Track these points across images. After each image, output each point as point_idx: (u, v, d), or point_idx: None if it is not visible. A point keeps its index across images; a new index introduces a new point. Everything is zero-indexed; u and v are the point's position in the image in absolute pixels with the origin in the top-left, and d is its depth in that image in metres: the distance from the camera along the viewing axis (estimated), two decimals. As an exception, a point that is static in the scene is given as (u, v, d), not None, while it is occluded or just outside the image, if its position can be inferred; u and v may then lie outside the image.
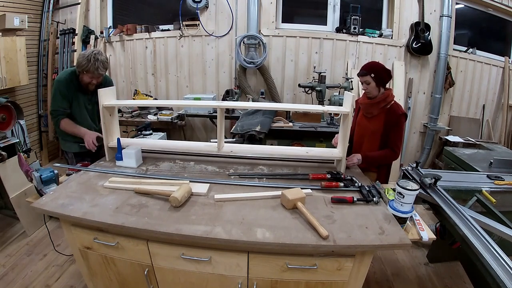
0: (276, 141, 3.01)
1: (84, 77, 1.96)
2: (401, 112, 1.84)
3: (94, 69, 1.89)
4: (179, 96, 3.99)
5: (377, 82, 1.83)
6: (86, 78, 1.96)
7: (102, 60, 1.91)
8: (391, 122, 1.85)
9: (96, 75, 1.95)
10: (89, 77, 1.95)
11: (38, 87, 3.97)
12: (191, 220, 1.22)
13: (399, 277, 2.21)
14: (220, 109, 1.69)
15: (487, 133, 4.02)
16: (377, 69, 1.84)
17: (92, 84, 2.00)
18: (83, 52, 1.96)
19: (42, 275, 2.11)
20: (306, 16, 3.96)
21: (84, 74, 1.94)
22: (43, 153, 4.11)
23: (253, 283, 1.25)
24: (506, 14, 3.89)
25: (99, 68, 1.90)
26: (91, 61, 1.87)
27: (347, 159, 1.73)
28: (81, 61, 1.90)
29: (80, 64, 1.90)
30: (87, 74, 1.93)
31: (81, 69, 1.92)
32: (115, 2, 4.05)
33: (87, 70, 1.89)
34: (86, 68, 1.88)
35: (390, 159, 1.95)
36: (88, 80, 1.97)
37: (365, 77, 1.85)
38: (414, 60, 3.77)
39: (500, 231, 1.36)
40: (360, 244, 1.12)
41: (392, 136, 1.86)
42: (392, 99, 1.89)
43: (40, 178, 1.53)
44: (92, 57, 1.88)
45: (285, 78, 3.83)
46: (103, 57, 1.93)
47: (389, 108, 1.87)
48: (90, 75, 1.93)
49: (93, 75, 1.94)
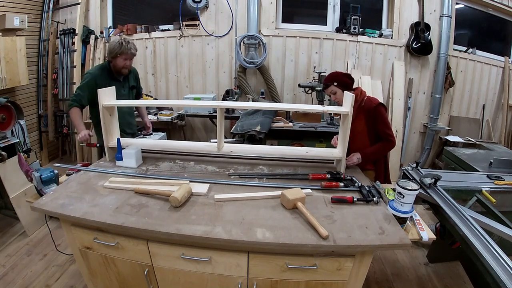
0: (276, 141, 3.01)
1: (118, 61, 2.10)
2: (375, 103, 1.86)
3: (127, 50, 2.07)
4: (179, 96, 3.99)
5: (342, 88, 1.87)
6: (120, 62, 2.10)
7: (132, 42, 2.12)
8: (371, 117, 1.87)
9: (130, 56, 2.12)
10: (123, 59, 2.10)
11: (38, 87, 3.97)
12: (191, 220, 1.22)
13: (399, 277, 2.20)
14: (220, 109, 1.69)
15: (487, 133, 4.02)
16: (337, 77, 1.89)
17: (126, 67, 2.14)
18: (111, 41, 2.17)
19: (42, 275, 2.11)
20: (306, 16, 3.96)
21: (118, 58, 2.09)
22: (43, 153, 4.11)
23: (253, 283, 1.25)
24: (506, 14, 3.89)
25: (131, 49, 2.09)
26: (123, 44, 2.05)
27: (346, 159, 1.74)
28: (113, 46, 2.07)
29: (113, 49, 2.06)
30: (120, 56, 2.08)
31: (115, 54, 2.07)
32: (115, 2, 4.05)
33: (120, 52, 2.06)
34: (119, 50, 2.05)
35: (388, 149, 1.96)
36: (121, 63, 2.11)
37: (329, 88, 1.91)
38: (414, 60, 3.77)
39: (500, 231, 1.36)
40: (360, 244, 1.12)
41: (380, 128, 1.87)
42: (364, 96, 1.91)
43: (40, 178, 1.53)
44: (122, 40, 2.07)
45: (285, 78, 3.83)
46: (131, 40, 2.14)
47: (363, 105, 1.89)
48: (124, 57, 2.09)
49: (127, 56, 2.10)
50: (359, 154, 1.80)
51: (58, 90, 3.98)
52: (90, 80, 2.10)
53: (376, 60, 3.73)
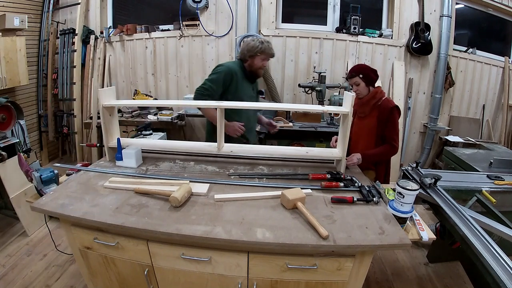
0: (276, 141, 3.01)
1: (256, 61, 2.02)
2: (392, 105, 1.86)
3: (268, 50, 1.99)
4: (179, 96, 3.99)
5: (366, 82, 1.89)
6: (258, 61, 2.02)
7: (269, 41, 2.03)
8: (384, 117, 1.87)
9: (270, 55, 2.04)
10: (261, 59, 2.01)
11: (38, 87, 3.97)
12: (191, 220, 1.22)
13: (399, 277, 2.21)
14: (220, 109, 1.69)
15: (487, 133, 4.02)
16: (365, 70, 1.90)
17: (263, 67, 2.05)
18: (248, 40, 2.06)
19: (42, 275, 2.11)
20: (306, 16, 3.96)
21: (257, 57, 2.00)
22: (43, 153, 4.11)
23: (253, 283, 1.25)
24: (506, 14, 3.89)
25: (272, 49, 2.02)
26: (264, 43, 1.97)
27: (346, 159, 1.73)
28: (253, 44, 1.98)
29: (253, 47, 1.97)
30: (260, 55, 1.99)
31: (255, 52, 1.98)
32: (115, 2, 4.04)
33: (262, 51, 1.97)
34: (261, 49, 1.96)
35: (390, 154, 1.96)
36: (260, 63, 2.02)
37: (354, 78, 1.90)
38: (414, 60, 3.77)
39: (500, 231, 1.36)
40: (360, 244, 1.12)
41: (388, 131, 1.87)
42: (382, 96, 1.92)
43: (40, 178, 1.53)
44: (262, 40, 2.00)
45: (285, 78, 3.83)
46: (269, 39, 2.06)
47: (380, 104, 1.90)
48: (263, 56, 2.00)
49: (266, 56, 2.02)
50: (359, 155, 1.79)
51: (58, 90, 3.98)
52: (227, 74, 1.97)
53: (376, 60, 3.73)
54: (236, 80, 2.00)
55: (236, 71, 2.01)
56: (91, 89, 3.89)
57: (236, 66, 2.06)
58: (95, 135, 3.80)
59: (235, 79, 1.99)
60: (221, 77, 1.96)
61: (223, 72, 1.97)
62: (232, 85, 2.00)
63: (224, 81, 1.97)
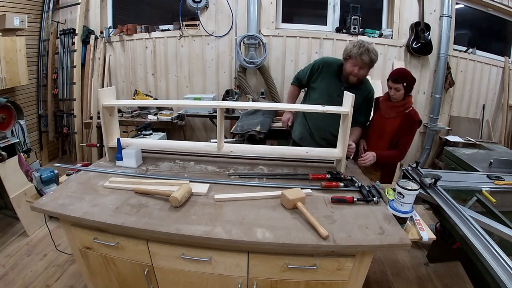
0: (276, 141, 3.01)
1: (347, 65, 1.92)
2: (417, 119, 1.93)
3: (357, 54, 1.84)
4: (179, 96, 3.99)
5: (406, 91, 1.92)
6: (349, 66, 1.91)
7: (369, 48, 1.84)
8: (406, 126, 1.93)
9: (359, 62, 1.86)
10: (351, 64, 1.89)
11: (38, 87, 3.97)
12: (191, 220, 1.22)
13: (399, 277, 2.21)
14: (220, 109, 1.69)
15: (487, 133, 4.02)
16: (409, 79, 1.91)
17: (354, 74, 1.90)
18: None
19: (42, 275, 2.11)
20: (306, 16, 3.96)
21: (347, 61, 1.91)
22: (43, 153, 4.11)
23: (253, 283, 1.25)
24: (506, 14, 3.89)
25: (363, 54, 1.83)
26: (356, 46, 1.85)
27: (362, 157, 1.74)
28: (347, 46, 1.91)
29: (347, 49, 1.90)
30: (349, 60, 1.90)
31: (346, 55, 1.91)
32: (115, 2, 4.04)
33: (350, 55, 1.88)
34: (350, 52, 1.87)
35: (397, 160, 2.04)
36: (350, 68, 1.91)
37: (397, 84, 1.91)
38: (414, 60, 3.77)
39: (500, 231, 1.36)
40: (360, 244, 1.12)
41: (404, 139, 1.94)
42: (410, 105, 1.97)
43: (40, 178, 1.53)
44: (359, 44, 1.86)
45: (285, 78, 3.83)
46: (371, 47, 1.87)
47: (407, 113, 1.95)
48: (353, 61, 1.88)
49: (356, 62, 1.87)
50: (374, 153, 1.82)
51: (58, 90, 3.98)
52: (316, 64, 2.04)
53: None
54: (323, 72, 2.00)
55: (329, 64, 2.02)
56: (91, 89, 3.88)
57: (335, 62, 2.04)
58: (95, 135, 3.80)
59: (323, 71, 1.99)
60: (312, 65, 2.07)
61: (317, 62, 2.06)
62: (315, 76, 2.03)
63: (311, 69, 2.06)
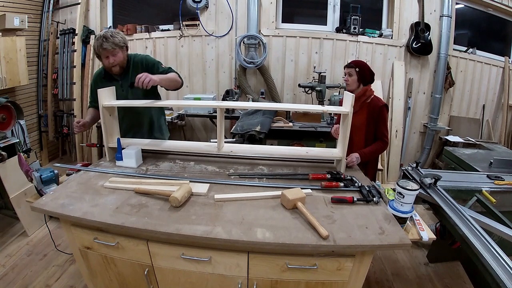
0: (276, 141, 3.01)
1: (102, 61, 1.87)
2: (381, 104, 1.97)
3: (100, 47, 1.77)
4: (179, 96, 3.99)
5: (359, 77, 1.98)
6: (104, 61, 1.85)
7: (106, 35, 1.76)
8: (373, 115, 1.96)
9: (108, 52, 1.79)
10: (104, 58, 1.83)
11: (38, 87, 3.97)
12: (191, 220, 1.22)
13: (399, 277, 2.21)
14: (220, 109, 1.68)
15: (487, 133, 4.02)
16: (363, 67, 1.99)
17: (111, 64, 1.84)
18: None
19: (42, 275, 2.11)
20: (306, 16, 3.96)
21: (102, 59, 1.86)
22: (43, 153, 4.11)
23: (253, 283, 1.25)
24: (506, 14, 3.89)
25: (102, 44, 1.76)
26: (96, 41, 1.79)
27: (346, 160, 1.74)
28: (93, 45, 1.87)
29: (94, 48, 1.85)
30: (101, 56, 1.84)
31: (95, 53, 1.87)
32: (115, 2, 4.04)
33: (96, 52, 1.83)
34: (95, 50, 1.82)
35: (382, 150, 2.08)
36: (105, 62, 1.85)
37: (350, 69, 2.00)
38: (414, 60, 3.77)
39: (500, 231, 1.36)
40: (360, 244, 1.12)
41: (379, 128, 1.98)
42: (371, 94, 2.02)
43: (40, 178, 1.53)
44: (97, 37, 1.79)
45: (285, 78, 3.83)
46: (109, 32, 1.78)
47: (370, 102, 1.99)
48: (105, 54, 1.81)
49: (106, 53, 1.80)
50: (357, 154, 1.81)
51: (58, 90, 3.98)
52: (91, 84, 2.05)
53: (376, 60, 3.73)
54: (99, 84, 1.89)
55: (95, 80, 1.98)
56: (91, 89, 3.88)
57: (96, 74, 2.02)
58: (95, 135, 3.80)
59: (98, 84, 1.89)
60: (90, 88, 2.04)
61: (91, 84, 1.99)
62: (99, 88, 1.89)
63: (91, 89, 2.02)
